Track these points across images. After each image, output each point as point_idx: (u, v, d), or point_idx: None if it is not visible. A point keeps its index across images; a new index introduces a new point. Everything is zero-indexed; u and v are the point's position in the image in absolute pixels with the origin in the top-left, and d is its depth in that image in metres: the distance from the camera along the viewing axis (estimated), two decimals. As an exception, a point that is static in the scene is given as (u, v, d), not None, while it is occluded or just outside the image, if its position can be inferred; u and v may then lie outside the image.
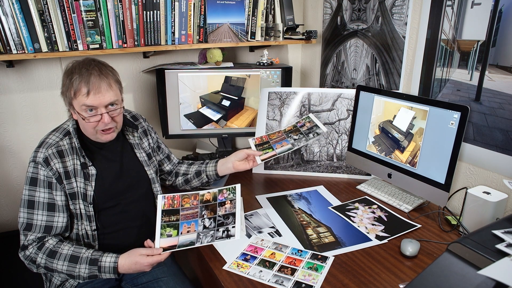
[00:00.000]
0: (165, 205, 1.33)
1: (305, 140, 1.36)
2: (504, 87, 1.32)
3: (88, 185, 1.27)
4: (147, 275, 1.39)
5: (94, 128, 1.24)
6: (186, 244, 1.23)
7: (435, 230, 1.39)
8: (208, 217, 1.29)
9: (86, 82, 1.17)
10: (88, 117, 1.20)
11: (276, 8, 2.04)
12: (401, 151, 1.56)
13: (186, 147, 2.29)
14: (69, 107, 1.25)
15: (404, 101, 1.54)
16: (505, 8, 1.29)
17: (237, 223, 1.25)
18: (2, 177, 1.83)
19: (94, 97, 1.18)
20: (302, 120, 1.51)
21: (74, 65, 1.22)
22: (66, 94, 1.22)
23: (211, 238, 1.23)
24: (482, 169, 1.45)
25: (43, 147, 1.24)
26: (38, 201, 1.22)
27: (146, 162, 1.44)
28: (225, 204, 1.32)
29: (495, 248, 0.79)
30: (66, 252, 1.21)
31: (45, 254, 1.20)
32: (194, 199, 1.35)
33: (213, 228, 1.26)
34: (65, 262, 1.19)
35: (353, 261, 1.21)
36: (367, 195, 1.66)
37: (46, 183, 1.22)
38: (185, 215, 1.30)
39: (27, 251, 1.22)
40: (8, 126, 1.79)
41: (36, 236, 1.22)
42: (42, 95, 1.83)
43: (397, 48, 1.73)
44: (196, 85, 1.98)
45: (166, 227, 1.28)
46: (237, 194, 1.33)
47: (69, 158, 1.25)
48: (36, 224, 1.22)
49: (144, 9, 1.72)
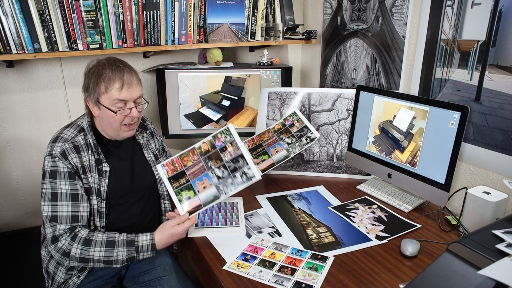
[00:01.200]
0: (169, 172, 1.29)
1: (299, 146, 1.33)
2: (504, 87, 1.32)
3: (102, 181, 1.29)
4: (148, 274, 1.40)
5: (121, 123, 1.28)
6: (210, 200, 1.23)
7: (435, 230, 1.39)
8: (217, 167, 1.26)
9: (120, 77, 1.23)
10: (119, 111, 1.25)
11: (276, 8, 2.04)
12: (401, 151, 1.56)
13: (186, 147, 2.26)
14: (94, 103, 1.26)
15: (404, 101, 1.54)
16: (505, 8, 1.29)
17: (250, 163, 1.22)
18: (2, 177, 1.83)
19: (127, 91, 1.24)
20: (289, 117, 1.45)
21: (100, 63, 1.26)
22: (94, 90, 1.24)
23: (234, 186, 1.21)
24: (482, 169, 1.45)
25: (59, 141, 1.24)
26: (61, 193, 1.22)
27: (154, 162, 1.47)
28: (226, 149, 1.28)
29: (495, 248, 0.79)
30: (101, 238, 1.22)
31: (80, 244, 1.20)
32: (193, 154, 1.30)
33: (228, 176, 1.23)
34: (102, 248, 1.20)
35: (353, 261, 1.21)
36: (367, 195, 1.66)
37: (66, 174, 1.23)
38: (192, 173, 1.27)
39: (59, 243, 1.20)
40: (8, 126, 1.79)
41: (66, 227, 1.21)
42: (42, 95, 1.83)
43: (397, 48, 1.73)
44: (196, 85, 1.98)
45: (180, 192, 1.25)
46: (234, 134, 1.28)
47: (85, 153, 1.27)
48: (62, 216, 1.21)
49: (144, 9, 1.72)
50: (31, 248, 1.77)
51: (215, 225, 1.42)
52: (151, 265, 1.42)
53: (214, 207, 1.53)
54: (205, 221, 1.45)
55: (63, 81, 1.86)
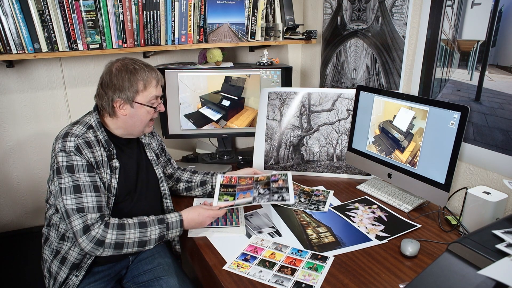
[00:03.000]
0: (224, 181, 1.48)
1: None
2: (504, 87, 1.32)
3: (113, 177, 1.30)
4: (147, 274, 1.40)
5: (150, 119, 1.34)
6: (243, 203, 1.36)
7: (435, 230, 1.39)
8: (262, 188, 1.43)
9: (155, 75, 1.31)
10: (157, 106, 1.34)
11: (276, 8, 2.04)
12: (401, 151, 1.56)
13: (186, 147, 2.29)
14: (128, 102, 1.27)
15: (404, 101, 1.54)
16: (505, 8, 1.29)
17: (291, 192, 1.38)
18: (2, 177, 1.83)
19: (160, 88, 1.34)
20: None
21: (127, 62, 1.29)
22: (130, 89, 1.26)
23: (267, 200, 1.36)
24: (482, 169, 1.45)
25: (71, 137, 1.24)
26: (83, 184, 1.21)
27: (155, 161, 1.49)
28: (278, 181, 1.46)
29: (495, 248, 0.79)
30: (133, 221, 1.24)
31: (115, 229, 1.20)
32: (250, 179, 1.49)
33: (268, 194, 1.39)
34: (137, 230, 1.22)
35: (353, 261, 1.21)
36: (367, 195, 1.66)
37: (84, 166, 1.23)
38: (241, 188, 1.45)
39: (92, 232, 1.18)
40: (8, 126, 1.79)
41: (97, 216, 1.20)
42: (42, 95, 1.83)
43: (397, 48, 1.73)
44: (196, 85, 1.98)
45: (223, 195, 1.41)
46: (289, 177, 1.47)
47: (96, 149, 1.27)
48: (88, 206, 1.20)
49: (144, 9, 1.72)
50: (31, 248, 1.77)
51: (215, 225, 1.42)
52: (151, 265, 1.42)
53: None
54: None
55: (63, 81, 1.86)
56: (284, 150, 1.90)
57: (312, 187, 1.73)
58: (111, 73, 1.27)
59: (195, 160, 2.08)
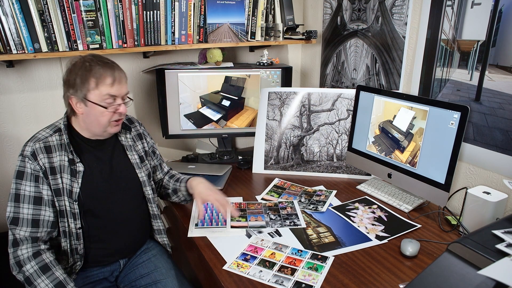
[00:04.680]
0: (233, 206, 1.52)
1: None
2: (504, 87, 1.32)
3: (75, 182, 1.25)
4: (145, 278, 1.38)
5: (109, 120, 1.26)
6: (256, 226, 1.42)
7: (435, 230, 1.39)
8: (273, 214, 1.50)
9: (111, 73, 1.23)
10: (109, 106, 1.24)
11: (276, 8, 2.04)
12: (401, 151, 1.56)
13: (186, 147, 2.29)
14: (81, 99, 1.22)
15: (404, 101, 1.54)
16: (505, 8, 1.29)
17: (301, 218, 1.47)
18: (2, 177, 1.83)
19: (118, 87, 1.25)
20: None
21: (86, 59, 1.23)
22: (82, 86, 1.21)
23: (280, 225, 1.42)
24: (482, 169, 1.45)
25: (31, 141, 1.24)
26: (24, 194, 1.21)
27: (138, 164, 1.41)
28: (286, 208, 1.54)
29: (495, 248, 0.79)
30: (59, 275, 1.18)
31: (38, 265, 1.17)
32: (258, 205, 1.57)
33: (279, 220, 1.46)
34: (50, 284, 1.17)
35: (353, 261, 1.21)
36: (367, 195, 1.66)
37: (33, 176, 1.21)
38: (251, 212, 1.52)
39: (19, 251, 1.17)
40: (8, 126, 1.79)
41: (27, 232, 1.19)
42: (42, 95, 1.83)
43: (397, 48, 1.73)
44: (196, 85, 1.98)
45: (235, 217, 1.46)
46: (296, 204, 1.57)
47: (57, 154, 1.24)
48: (23, 218, 1.19)
49: (144, 9, 1.72)
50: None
51: (215, 225, 1.42)
52: (147, 269, 1.40)
53: (214, 207, 1.53)
54: (205, 221, 1.44)
55: (63, 81, 1.86)
56: (284, 150, 1.90)
57: (312, 187, 1.73)
58: (68, 70, 1.25)
59: (195, 160, 2.08)
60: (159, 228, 1.48)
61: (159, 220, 1.48)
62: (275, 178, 1.82)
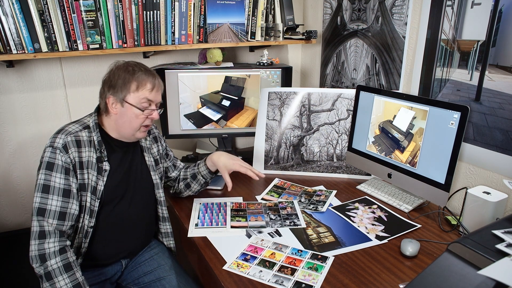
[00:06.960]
0: (233, 207, 1.55)
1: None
2: (504, 87, 1.32)
3: (100, 179, 1.27)
4: (149, 275, 1.39)
5: (141, 124, 1.31)
6: (256, 226, 1.42)
7: (435, 230, 1.39)
8: (272, 214, 1.50)
9: (152, 80, 1.30)
10: (145, 110, 1.30)
11: (276, 8, 2.04)
12: (401, 151, 1.56)
13: (186, 147, 2.29)
14: (119, 100, 1.27)
15: (404, 101, 1.54)
16: (505, 8, 1.29)
17: (301, 218, 1.47)
18: (2, 177, 1.83)
19: (156, 94, 1.32)
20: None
21: (130, 64, 1.30)
22: (123, 87, 1.26)
23: (280, 225, 1.42)
24: (482, 169, 1.45)
25: (62, 134, 1.24)
26: (54, 186, 1.20)
27: (153, 167, 1.45)
28: (286, 208, 1.54)
29: (495, 248, 0.79)
30: (78, 276, 1.18)
31: (62, 262, 1.16)
32: (258, 205, 1.57)
33: (279, 220, 1.46)
34: (69, 284, 1.16)
35: (353, 261, 1.21)
36: (367, 195, 1.66)
37: (63, 168, 1.21)
38: (251, 212, 1.52)
39: (46, 244, 1.15)
40: (8, 126, 1.79)
41: (53, 225, 1.17)
42: (42, 95, 1.83)
43: (397, 48, 1.73)
44: (196, 85, 1.98)
45: (235, 217, 1.47)
46: (296, 204, 1.57)
47: (86, 149, 1.26)
48: (50, 210, 1.18)
49: (144, 9, 1.72)
50: (31, 248, 1.76)
51: (215, 225, 1.42)
52: (151, 266, 1.41)
53: (214, 207, 1.54)
54: (205, 221, 1.45)
55: (63, 81, 1.86)
56: (284, 150, 1.90)
57: (312, 187, 1.73)
58: (111, 70, 1.30)
59: (195, 160, 2.08)
60: (167, 231, 1.50)
61: (167, 223, 1.50)
62: (275, 178, 1.83)
